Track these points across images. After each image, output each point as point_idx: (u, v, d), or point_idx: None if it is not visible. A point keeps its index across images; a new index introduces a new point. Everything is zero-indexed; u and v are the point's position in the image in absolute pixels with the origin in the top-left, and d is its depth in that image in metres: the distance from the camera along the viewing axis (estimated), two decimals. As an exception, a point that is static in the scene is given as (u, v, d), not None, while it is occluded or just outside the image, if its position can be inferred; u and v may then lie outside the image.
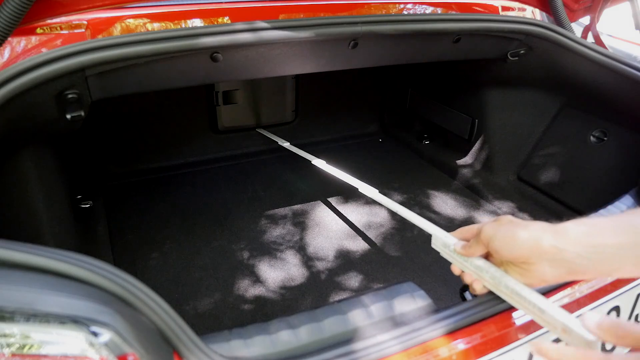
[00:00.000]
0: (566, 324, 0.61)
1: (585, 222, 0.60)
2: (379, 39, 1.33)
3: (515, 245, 0.63)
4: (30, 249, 0.59)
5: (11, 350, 0.53)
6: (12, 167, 1.14)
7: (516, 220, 0.66)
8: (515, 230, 0.64)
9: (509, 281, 0.69)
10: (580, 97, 1.62)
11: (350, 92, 2.42)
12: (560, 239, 0.59)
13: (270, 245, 1.62)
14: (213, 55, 1.17)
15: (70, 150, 1.66)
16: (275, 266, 1.52)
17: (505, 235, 0.64)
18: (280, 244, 1.62)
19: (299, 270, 1.50)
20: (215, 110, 2.14)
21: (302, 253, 1.58)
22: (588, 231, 0.59)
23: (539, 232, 0.61)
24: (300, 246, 1.62)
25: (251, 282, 1.45)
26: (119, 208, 1.81)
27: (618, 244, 0.56)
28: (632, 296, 0.91)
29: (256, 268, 1.51)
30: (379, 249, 1.61)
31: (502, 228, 0.66)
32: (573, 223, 0.60)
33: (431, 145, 2.28)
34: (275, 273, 1.49)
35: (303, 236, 1.67)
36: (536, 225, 0.63)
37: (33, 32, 1.13)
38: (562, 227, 0.61)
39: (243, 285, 1.43)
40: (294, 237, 1.67)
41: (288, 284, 1.44)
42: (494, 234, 0.66)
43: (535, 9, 1.71)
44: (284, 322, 0.74)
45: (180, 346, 0.63)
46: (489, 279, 0.72)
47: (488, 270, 0.72)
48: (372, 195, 1.39)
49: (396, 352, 0.69)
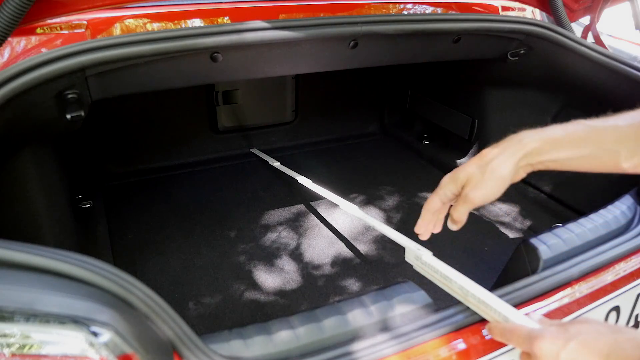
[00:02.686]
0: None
1: (538, 135, 0.70)
2: (379, 39, 1.33)
3: (505, 183, 0.72)
4: (30, 249, 0.59)
5: (11, 350, 0.53)
6: (12, 167, 1.14)
7: (480, 166, 0.73)
8: (496, 172, 0.71)
9: (476, 291, 0.70)
10: (580, 97, 1.62)
11: (350, 92, 2.42)
12: (528, 155, 0.70)
13: (271, 245, 1.62)
14: (213, 55, 1.17)
15: (70, 150, 1.66)
16: (276, 266, 1.51)
17: (494, 182, 0.71)
18: (280, 244, 1.62)
19: (299, 270, 1.50)
20: (215, 110, 2.14)
21: (302, 253, 1.58)
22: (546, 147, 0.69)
23: (514, 160, 0.71)
24: (301, 246, 1.62)
25: (251, 282, 1.45)
26: (119, 208, 1.81)
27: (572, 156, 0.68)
28: (632, 296, 0.91)
29: (256, 268, 1.51)
30: (379, 248, 1.61)
31: (486, 181, 0.72)
32: (528, 138, 0.70)
33: (431, 145, 2.28)
34: (275, 273, 1.49)
35: (303, 236, 1.67)
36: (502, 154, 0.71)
37: (33, 32, 1.13)
38: (523, 145, 0.70)
39: (243, 285, 1.43)
40: (294, 237, 1.67)
41: (288, 284, 1.44)
42: (485, 190, 0.71)
43: (535, 9, 1.71)
44: (283, 322, 0.73)
45: (180, 346, 0.63)
46: (457, 289, 0.73)
47: (456, 281, 0.72)
48: (352, 211, 1.42)
49: (396, 352, 0.69)
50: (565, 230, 0.96)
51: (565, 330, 0.61)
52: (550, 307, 0.80)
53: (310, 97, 2.32)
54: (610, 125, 0.67)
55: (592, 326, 0.61)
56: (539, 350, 0.60)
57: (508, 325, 0.67)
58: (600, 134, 0.67)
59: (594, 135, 0.67)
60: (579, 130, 0.68)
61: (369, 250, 1.60)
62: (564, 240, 0.93)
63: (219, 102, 2.11)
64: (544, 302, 0.81)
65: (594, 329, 0.60)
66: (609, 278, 0.87)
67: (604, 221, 0.99)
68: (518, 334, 0.65)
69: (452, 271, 0.75)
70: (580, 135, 0.68)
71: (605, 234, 0.97)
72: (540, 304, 0.80)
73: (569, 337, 0.59)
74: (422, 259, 0.79)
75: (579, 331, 0.60)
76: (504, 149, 0.71)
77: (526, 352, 0.64)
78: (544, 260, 0.88)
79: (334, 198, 1.54)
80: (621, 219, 1.02)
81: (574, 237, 0.94)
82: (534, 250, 0.89)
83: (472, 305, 0.73)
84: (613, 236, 0.97)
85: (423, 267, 0.79)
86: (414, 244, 0.82)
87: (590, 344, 0.58)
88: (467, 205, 0.73)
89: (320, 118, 2.40)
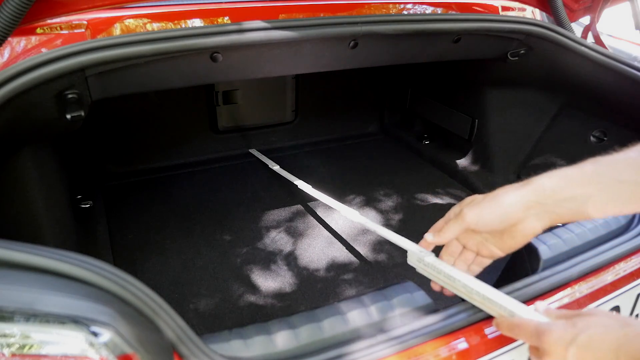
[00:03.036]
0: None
1: (555, 174, 0.66)
2: (379, 39, 1.33)
3: (505, 212, 0.67)
4: (30, 249, 0.60)
5: (11, 350, 0.53)
6: (12, 166, 1.14)
7: (488, 194, 0.70)
8: (499, 199, 0.68)
9: (481, 288, 0.70)
10: (580, 97, 1.62)
11: (350, 92, 2.42)
12: (540, 195, 0.66)
13: (270, 245, 1.62)
14: (213, 55, 1.17)
15: (70, 150, 1.66)
16: (275, 267, 1.51)
17: (492, 208, 0.68)
18: (280, 245, 1.62)
19: (299, 270, 1.50)
20: (215, 110, 2.14)
21: (302, 253, 1.58)
22: (560, 184, 0.65)
23: (521, 193, 0.67)
24: (301, 246, 1.62)
25: (251, 282, 1.45)
26: (119, 208, 1.81)
27: (587, 193, 0.64)
28: (632, 296, 0.91)
29: (256, 268, 1.51)
30: (379, 248, 1.61)
31: (484, 203, 0.69)
32: (545, 177, 0.67)
33: (431, 145, 2.28)
34: (275, 273, 1.49)
35: (303, 236, 1.67)
36: (513, 188, 0.68)
37: (33, 32, 1.13)
38: (537, 184, 0.67)
39: (243, 285, 1.43)
40: (294, 237, 1.67)
41: (288, 284, 1.44)
42: (480, 210, 0.69)
43: (535, 9, 1.71)
44: (283, 322, 0.74)
45: (180, 346, 0.63)
46: (461, 288, 0.73)
47: (460, 279, 0.72)
48: (352, 217, 1.40)
49: (396, 352, 0.69)
50: (565, 230, 0.96)
51: (574, 324, 0.60)
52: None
53: (310, 97, 2.32)
54: (622, 157, 0.65)
55: (601, 319, 0.60)
56: (547, 346, 0.60)
57: (515, 320, 0.67)
58: (616, 165, 0.64)
59: (608, 169, 0.64)
60: (590, 163, 0.65)
61: (369, 251, 1.60)
62: (564, 240, 0.93)
63: (219, 102, 2.12)
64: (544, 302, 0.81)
65: (602, 323, 0.59)
66: (609, 278, 0.87)
67: (604, 221, 0.99)
68: (526, 329, 0.64)
69: (455, 271, 0.74)
70: (593, 168, 0.64)
71: (605, 234, 0.97)
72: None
73: (577, 332, 0.58)
74: (424, 260, 0.78)
75: (587, 325, 0.59)
76: (515, 187, 0.69)
77: (534, 347, 0.63)
78: (544, 260, 0.88)
79: (333, 203, 1.53)
80: (621, 218, 1.02)
81: (574, 237, 0.94)
82: (534, 250, 0.89)
83: (478, 303, 0.72)
84: (613, 236, 0.97)
85: (425, 269, 0.79)
86: (415, 246, 0.82)
87: (598, 338, 0.57)
88: (458, 222, 0.72)
89: (320, 118, 2.40)
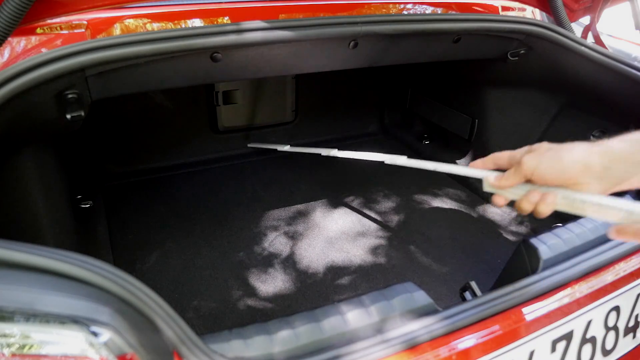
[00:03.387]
0: None
1: (626, 139, 0.63)
2: (379, 39, 1.33)
3: (564, 169, 0.65)
4: (30, 249, 0.59)
5: (11, 350, 0.53)
6: (12, 166, 1.14)
7: (555, 146, 0.67)
8: (561, 155, 0.65)
9: (581, 195, 0.66)
10: (580, 97, 1.62)
11: (350, 92, 2.42)
12: (607, 157, 0.63)
13: (271, 245, 1.62)
14: (213, 55, 1.17)
15: (70, 150, 1.66)
16: (275, 266, 1.51)
17: (552, 162, 0.66)
18: (280, 245, 1.62)
19: (299, 270, 1.50)
20: (215, 110, 2.14)
21: (302, 253, 1.58)
22: (631, 149, 0.62)
23: (586, 154, 0.64)
24: (301, 246, 1.62)
25: (251, 282, 1.45)
26: (119, 208, 1.81)
27: None
28: (632, 296, 0.91)
29: (256, 268, 1.51)
30: (379, 248, 1.61)
31: (546, 155, 0.67)
32: (616, 141, 0.63)
33: (431, 145, 2.28)
34: (275, 273, 1.49)
35: (303, 236, 1.67)
36: (580, 148, 0.65)
37: (33, 32, 1.13)
38: (606, 147, 0.64)
39: (243, 285, 1.43)
40: (294, 237, 1.67)
41: (288, 284, 1.44)
42: (539, 162, 0.67)
43: (535, 9, 1.71)
44: (283, 322, 0.73)
45: (180, 346, 0.62)
46: (561, 199, 0.67)
47: (557, 192, 0.67)
48: (402, 162, 1.23)
49: (396, 352, 0.69)
50: (565, 230, 0.96)
51: None
52: (550, 307, 0.80)
53: (310, 97, 2.32)
54: None
55: None
56: None
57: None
58: None
59: None
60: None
61: (369, 251, 1.60)
62: (564, 240, 0.93)
63: (219, 102, 2.12)
64: (544, 302, 0.81)
65: None
66: (609, 278, 0.87)
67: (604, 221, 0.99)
68: None
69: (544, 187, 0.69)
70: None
71: (605, 234, 0.97)
72: (540, 304, 0.80)
73: None
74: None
75: None
76: (583, 146, 0.65)
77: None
78: (544, 260, 0.88)
79: (374, 157, 1.30)
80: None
81: (574, 237, 0.94)
82: (534, 250, 0.89)
83: (579, 210, 0.67)
84: (613, 236, 0.97)
85: (502, 191, 0.73)
86: (486, 172, 0.75)
87: None
88: (518, 169, 0.68)
89: (320, 118, 2.40)
